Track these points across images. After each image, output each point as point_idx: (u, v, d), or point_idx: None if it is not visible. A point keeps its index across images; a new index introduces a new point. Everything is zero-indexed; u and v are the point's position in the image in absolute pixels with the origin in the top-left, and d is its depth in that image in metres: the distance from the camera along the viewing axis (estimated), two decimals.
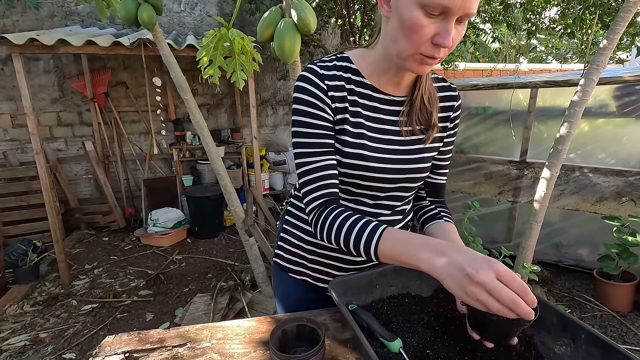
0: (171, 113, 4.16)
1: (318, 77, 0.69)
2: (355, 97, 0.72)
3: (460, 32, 0.61)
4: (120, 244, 3.59)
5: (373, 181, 0.74)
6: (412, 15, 0.57)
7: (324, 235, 0.69)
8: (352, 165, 0.71)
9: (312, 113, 0.69)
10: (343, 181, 0.74)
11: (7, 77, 3.63)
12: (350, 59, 0.73)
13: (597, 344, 0.54)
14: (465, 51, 9.11)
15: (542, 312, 0.65)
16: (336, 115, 0.71)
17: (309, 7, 1.19)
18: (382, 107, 0.74)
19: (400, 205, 0.81)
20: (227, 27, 1.56)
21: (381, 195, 0.77)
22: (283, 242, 0.89)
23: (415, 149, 0.75)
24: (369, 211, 0.78)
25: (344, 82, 0.71)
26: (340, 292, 0.75)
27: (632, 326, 2.11)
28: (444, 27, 0.57)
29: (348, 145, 0.71)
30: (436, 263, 0.52)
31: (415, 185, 0.79)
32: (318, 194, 0.69)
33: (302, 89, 0.70)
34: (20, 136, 3.76)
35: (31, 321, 2.35)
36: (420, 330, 0.70)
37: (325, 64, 0.72)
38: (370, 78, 0.73)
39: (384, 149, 0.73)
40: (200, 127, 2.27)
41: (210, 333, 0.79)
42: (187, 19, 4.16)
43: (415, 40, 0.59)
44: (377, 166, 0.72)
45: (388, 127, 0.74)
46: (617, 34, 1.86)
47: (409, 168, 0.75)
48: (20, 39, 2.45)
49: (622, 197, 2.38)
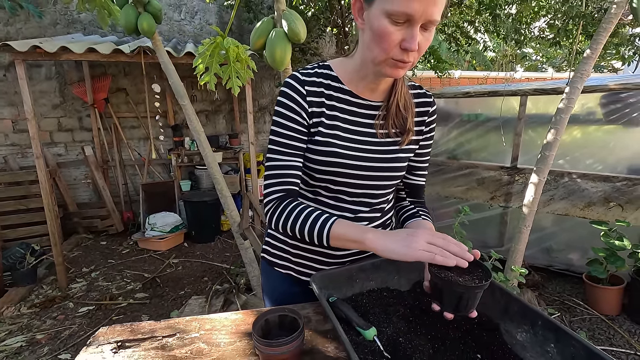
0: (170, 119, 4.23)
1: (299, 83, 0.76)
2: (333, 101, 0.78)
3: (427, 37, 0.67)
4: (118, 248, 3.62)
5: (348, 178, 0.79)
6: (380, 24, 0.64)
7: (279, 224, 0.77)
8: (327, 163, 0.78)
9: (288, 116, 0.76)
10: (322, 179, 0.80)
11: (9, 83, 3.70)
12: (331, 67, 0.80)
13: (551, 328, 0.59)
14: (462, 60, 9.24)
15: (506, 302, 0.70)
16: (312, 119, 0.77)
17: (299, 17, 1.25)
18: (360, 111, 0.80)
19: (378, 202, 0.86)
20: (223, 35, 1.63)
21: (358, 192, 0.82)
22: (270, 238, 0.94)
23: (391, 149, 0.81)
24: (348, 207, 0.83)
25: (323, 88, 0.78)
26: (321, 285, 0.80)
27: (619, 329, 2.14)
28: (410, 33, 0.63)
29: (323, 145, 0.77)
30: (378, 239, 0.66)
31: (391, 183, 0.84)
32: (276, 188, 0.77)
33: (283, 94, 0.77)
34: (20, 141, 3.82)
35: (28, 323, 2.38)
36: (395, 321, 0.74)
37: (307, 71, 0.78)
38: (349, 84, 0.79)
39: (358, 148, 0.79)
40: (197, 133, 2.33)
41: (199, 324, 0.83)
42: (187, 27, 4.24)
43: (385, 47, 0.65)
44: (352, 163, 0.78)
45: (364, 129, 0.80)
46: (600, 43, 1.93)
47: (384, 167, 0.80)
48: (23, 46, 2.52)
49: (609, 202, 2.43)
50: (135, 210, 4.17)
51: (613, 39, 2.35)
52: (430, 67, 3.85)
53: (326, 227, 0.71)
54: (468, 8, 2.95)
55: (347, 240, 0.70)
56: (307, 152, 0.79)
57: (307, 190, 0.85)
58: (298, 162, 0.78)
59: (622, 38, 2.36)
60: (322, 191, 0.83)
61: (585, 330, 2.13)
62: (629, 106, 2.33)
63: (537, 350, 0.62)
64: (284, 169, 0.77)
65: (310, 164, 0.79)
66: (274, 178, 0.77)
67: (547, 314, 0.61)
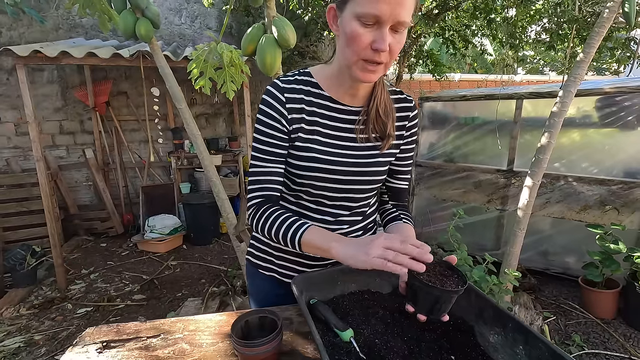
0: (170, 122, 4.27)
1: (278, 90, 0.79)
2: (313, 107, 0.80)
3: (398, 40, 0.68)
4: (118, 250, 3.65)
5: (328, 182, 0.81)
6: (351, 27, 0.67)
7: (258, 228, 0.79)
8: (306, 168, 0.79)
9: (268, 123, 0.79)
10: (303, 183, 0.82)
11: (12, 87, 3.75)
12: (311, 73, 0.82)
13: (521, 330, 0.60)
14: (464, 63, 9.25)
15: (481, 306, 0.71)
16: (292, 125, 0.79)
17: (289, 24, 1.27)
18: (340, 116, 0.82)
19: (358, 206, 0.87)
20: (217, 40, 1.65)
21: (339, 197, 0.84)
22: (254, 241, 0.95)
23: (371, 154, 0.82)
24: (329, 211, 0.85)
25: (303, 95, 0.80)
26: (303, 287, 0.81)
27: (614, 333, 2.13)
28: (379, 34, 0.66)
29: (302, 150, 0.79)
30: (341, 247, 0.68)
31: (371, 187, 0.85)
32: (257, 194, 0.80)
33: (264, 101, 0.79)
34: (23, 144, 3.87)
35: (27, 324, 2.41)
36: (373, 323, 0.75)
37: (287, 78, 0.81)
38: (329, 90, 0.81)
39: (338, 153, 0.80)
40: (194, 136, 2.35)
41: (183, 325, 0.85)
42: (187, 31, 4.29)
43: (356, 48, 0.68)
44: (331, 168, 0.80)
45: (344, 134, 0.82)
46: (593, 47, 1.94)
47: (364, 171, 0.82)
48: (24, 51, 2.56)
49: (605, 206, 2.43)
50: (135, 212, 4.21)
51: (607, 43, 2.35)
52: (429, 70, 3.87)
53: (297, 235, 0.73)
54: (465, 12, 2.96)
55: (315, 248, 0.72)
56: (288, 157, 0.81)
57: (289, 194, 0.86)
58: (279, 168, 0.80)
59: (616, 42, 2.36)
60: (303, 195, 0.84)
61: (579, 334, 2.12)
62: (624, 109, 2.33)
63: (507, 351, 0.63)
64: (265, 175, 0.80)
65: (291, 168, 0.81)
66: (254, 184, 0.81)
67: (517, 317, 0.62)
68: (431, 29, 2.91)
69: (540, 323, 2.16)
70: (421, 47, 3.70)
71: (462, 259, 2.15)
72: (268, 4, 1.32)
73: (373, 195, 0.91)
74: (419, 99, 3.24)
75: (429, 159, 3.29)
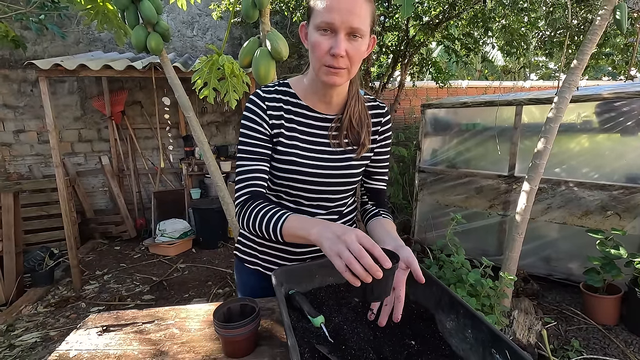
0: (182, 130, 4.43)
1: (260, 99, 0.87)
2: (291, 115, 0.88)
3: (356, 47, 0.75)
4: (130, 253, 3.79)
5: (305, 183, 0.89)
6: (313, 37, 0.76)
7: (244, 222, 0.83)
8: (286, 170, 0.87)
9: (252, 127, 0.86)
10: (282, 184, 0.90)
11: (35, 98, 3.99)
12: (289, 84, 0.91)
13: (468, 315, 0.66)
14: (474, 70, 9.23)
15: (440, 294, 0.77)
16: (273, 130, 0.87)
17: (282, 37, 1.36)
18: (315, 123, 0.89)
19: (335, 206, 0.94)
20: (219, 53, 1.77)
21: (315, 197, 0.91)
22: (241, 237, 1.04)
23: (343, 158, 0.90)
24: (306, 210, 0.92)
25: (282, 104, 0.88)
26: (282, 279, 0.88)
27: (615, 339, 2.11)
28: (335, 40, 0.73)
29: (282, 154, 0.87)
30: (320, 232, 0.67)
31: (346, 188, 0.92)
32: (244, 191, 0.85)
33: (247, 108, 0.88)
34: (44, 151, 4.09)
35: (43, 321, 2.54)
36: (345, 312, 0.82)
37: (268, 88, 0.89)
38: (305, 100, 0.89)
39: (314, 157, 0.88)
40: (201, 143, 2.46)
41: (175, 313, 0.93)
42: (199, 42, 4.47)
43: (317, 55, 0.76)
44: (307, 171, 0.87)
45: (319, 139, 0.89)
46: (586, 54, 1.97)
47: (337, 174, 0.89)
48: (46, 65, 2.75)
49: (607, 211, 2.42)
50: (147, 217, 4.36)
51: (602, 49, 2.37)
52: (432, 78, 3.93)
53: (279, 224, 0.76)
54: (464, 21, 3.02)
55: (296, 236, 0.74)
56: (272, 161, 0.89)
57: (271, 193, 0.94)
58: (263, 165, 0.86)
59: (614, 47, 2.37)
60: (283, 195, 0.92)
61: (579, 340, 2.11)
62: (623, 115, 2.34)
63: (459, 336, 0.68)
64: (249, 172, 0.85)
65: (273, 170, 0.89)
66: (240, 182, 0.86)
67: (467, 304, 0.68)
68: (432, 37, 2.97)
69: (539, 328, 2.16)
70: (423, 55, 3.76)
71: (460, 263, 2.19)
72: (263, 20, 1.41)
73: (349, 195, 0.98)
74: (421, 106, 3.29)
75: (431, 165, 3.32)
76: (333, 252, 0.62)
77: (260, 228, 0.80)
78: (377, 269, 0.58)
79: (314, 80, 0.85)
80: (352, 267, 0.58)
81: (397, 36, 3.44)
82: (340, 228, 0.66)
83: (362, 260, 0.58)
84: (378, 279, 0.59)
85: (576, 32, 2.06)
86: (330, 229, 0.67)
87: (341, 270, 0.60)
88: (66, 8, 3.79)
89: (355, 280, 0.59)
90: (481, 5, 2.52)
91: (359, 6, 0.73)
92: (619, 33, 2.37)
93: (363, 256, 0.58)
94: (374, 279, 0.59)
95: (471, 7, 2.56)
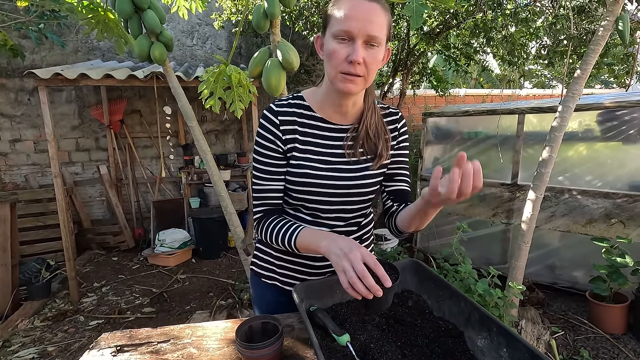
0: (181, 139, 4.40)
1: (273, 114, 0.87)
2: (306, 128, 0.88)
3: (373, 55, 0.76)
4: (129, 264, 3.73)
5: (320, 196, 0.87)
6: (330, 46, 0.77)
7: (263, 235, 0.87)
8: (300, 183, 0.86)
9: (265, 145, 0.87)
10: (298, 197, 0.88)
11: (32, 107, 3.94)
12: (303, 97, 0.90)
13: (503, 333, 0.64)
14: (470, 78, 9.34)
15: (469, 311, 0.75)
16: (287, 144, 0.87)
17: (293, 48, 1.36)
18: (330, 134, 0.89)
19: (352, 217, 0.93)
20: (226, 63, 1.76)
21: (332, 209, 0.90)
22: (257, 251, 1.01)
23: (359, 168, 0.88)
24: (324, 222, 0.91)
25: (296, 117, 0.87)
26: (303, 295, 0.86)
27: (624, 348, 2.10)
28: (353, 47, 0.74)
29: (297, 167, 0.86)
30: (328, 246, 0.72)
31: (363, 199, 0.91)
32: (260, 208, 0.89)
33: (260, 125, 0.88)
34: (41, 160, 4.03)
35: (40, 335, 2.47)
36: (369, 329, 0.80)
37: (281, 102, 0.89)
38: (319, 111, 0.88)
39: (328, 168, 0.87)
40: (204, 152, 2.44)
41: (192, 331, 0.90)
42: (198, 52, 4.47)
43: (334, 62, 0.76)
44: (322, 182, 0.86)
45: (334, 150, 0.88)
46: (590, 64, 1.99)
47: (353, 184, 0.88)
48: (46, 74, 2.72)
49: (611, 219, 2.43)
50: (146, 226, 4.31)
51: (604, 59, 2.40)
52: (432, 86, 3.96)
53: (293, 237, 0.80)
54: (465, 30, 3.05)
55: (309, 249, 0.79)
56: (286, 175, 0.88)
57: (289, 208, 0.93)
58: (277, 184, 0.88)
59: (614, 57, 2.41)
60: (301, 208, 0.91)
61: (588, 350, 2.10)
62: (625, 123, 2.36)
63: (493, 355, 0.66)
64: (264, 192, 0.88)
65: (289, 184, 0.88)
66: (257, 200, 0.90)
67: (500, 321, 0.66)
68: (433, 46, 3.00)
69: (547, 338, 2.14)
70: (424, 64, 3.80)
71: (467, 273, 2.17)
72: (273, 30, 1.41)
73: (367, 206, 0.96)
74: (422, 115, 3.30)
75: None
76: (339, 268, 0.67)
77: (277, 241, 0.84)
78: (377, 289, 0.63)
79: (330, 91, 0.85)
80: (355, 286, 0.63)
81: (398, 45, 3.47)
82: (347, 244, 0.70)
83: (365, 280, 0.63)
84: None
85: (578, 42, 2.09)
86: (337, 244, 0.71)
87: (344, 286, 0.66)
88: (65, 17, 3.79)
89: (357, 295, 0.65)
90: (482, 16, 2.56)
91: (377, 15, 0.74)
92: (618, 43, 2.41)
93: (366, 277, 0.63)
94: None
95: (473, 17, 2.59)
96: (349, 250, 0.68)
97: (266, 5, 1.33)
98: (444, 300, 0.83)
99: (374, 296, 0.64)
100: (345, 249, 0.68)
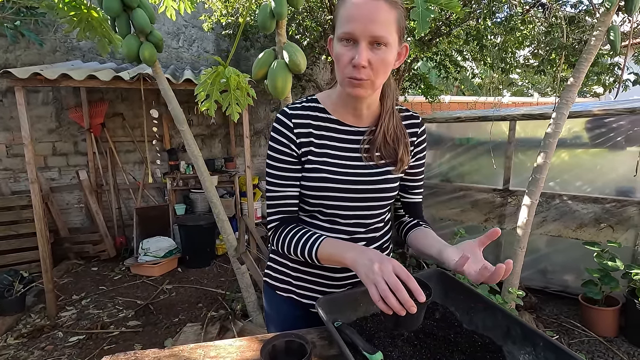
0: (166, 143, 4.26)
1: (287, 117, 0.82)
2: (321, 131, 0.84)
3: (380, 56, 0.71)
4: (110, 274, 3.54)
5: (338, 201, 0.83)
6: (337, 49, 0.74)
7: (279, 246, 0.83)
8: (317, 188, 0.82)
9: (279, 149, 0.82)
10: (315, 203, 0.84)
11: (5, 109, 3.72)
12: (318, 100, 0.86)
13: (551, 349, 0.61)
14: (452, 85, 9.56)
15: (508, 325, 0.72)
16: (301, 148, 0.82)
17: (299, 49, 1.31)
18: (347, 137, 0.85)
19: (373, 223, 0.88)
20: (224, 65, 1.69)
21: (351, 214, 0.85)
22: (272, 262, 0.95)
23: (377, 172, 0.84)
24: (343, 229, 0.86)
25: (311, 120, 0.83)
26: (326, 310, 0.80)
27: (618, 351, 2.14)
28: (357, 50, 0.70)
29: (313, 171, 0.82)
30: (355, 257, 0.69)
31: (382, 204, 0.87)
32: (276, 217, 0.85)
33: (274, 129, 0.83)
34: (14, 165, 3.79)
35: (15, 354, 2.29)
36: (400, 345, 0.75)
37: (295, 105, 0.84)
38: (335, 113, 0.85)
39: (345, 172, 0.83)
40: (195, 157, 2.35)
41: (204, 352, 0.83)
42: (184, 54, 4.35)
43: (341, 67, 0.73)
44: (339, 187, 0.82)
45: (351, 154, 0.84)
46: (582, 72, 2.04)
47: (372, 189, 0.84)
48: (23, 74, 2.56)
49: (600, 224, 2.49)
50: (128, 235, 4.12)
51: (594, 68, 2.48)
52: (421, 92, 3.99)
53: (314, 249, 0.76)
54: (456, 38, 3.10)
55: (332, 261, 0.76)
56: (301, 180, 0.83)
57: (305, 215, 0.88)
58: (293, 190, 0.84)
59: (602, 67, 2.49)
60: (317, 215, 0.86)
61: (584, 353, 2.12)
62: (612, 130, 2.43)
63: None
64: (280, 199, 0.84)
65: (304, 190, 0.84)
66: (272, 207, 0.86)
67: (547, 335, 0.63)
68: (425, 53, 3.02)
69: None
70: (415, 71, 3.83)
71: (462, 279, 2.16)
72: (279, 31, 1.36)
73: (386, 211, 0.92)
74: None
75: (425, 179, 3.33)
76: (369, 280, 0.64)
77: (296, 252, 0.80)
78: (411, 304, 0.59)
79: (342, 93, 0.81)
80: (387, 300, 0.60)
81: None
82: (377, 256, 0.67)
83: (398, 294, 0.60)
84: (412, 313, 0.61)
85: (571, 52, 2.14)
86: (366, 254, 0.68)
87: (375, 299, 0.62)
88: (43, 15, 3.61)
89: (389, 310, 0.61)
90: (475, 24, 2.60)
91: (381, 13, 0.68)
92: (604, 53, 2.49)
93: (399, 290, 0.60)
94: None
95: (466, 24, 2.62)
96: (379, 261, 0.65)
97: (273, 5, 1.28)
98: (475, 313, 0.80)
99: (406, 314, 0.60)
100: (376, 260, 0.66)
